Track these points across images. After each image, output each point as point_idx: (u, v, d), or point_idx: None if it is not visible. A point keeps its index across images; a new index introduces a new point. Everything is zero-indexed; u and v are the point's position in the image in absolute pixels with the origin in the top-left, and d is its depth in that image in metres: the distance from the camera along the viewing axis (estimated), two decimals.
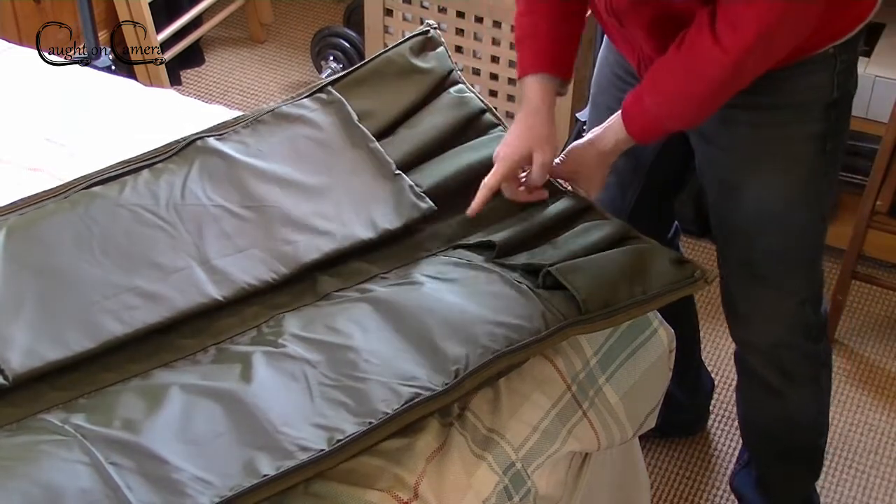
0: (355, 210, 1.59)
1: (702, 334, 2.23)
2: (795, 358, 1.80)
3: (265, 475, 1.21)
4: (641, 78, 1.56)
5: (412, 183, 1.62)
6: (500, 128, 1.72)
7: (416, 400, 1.30)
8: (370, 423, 1.27)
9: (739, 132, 1.60)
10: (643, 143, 1.58)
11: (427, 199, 1.60)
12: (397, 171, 1.63)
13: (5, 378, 1.33)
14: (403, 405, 1.29)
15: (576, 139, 2.38)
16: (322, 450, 1.24)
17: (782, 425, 1.90)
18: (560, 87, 1.64)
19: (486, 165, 1.62)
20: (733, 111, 1.55)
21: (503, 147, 1.59)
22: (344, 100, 1.73)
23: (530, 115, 1.60)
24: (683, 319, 2.01)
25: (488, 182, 1.58)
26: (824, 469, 2.24)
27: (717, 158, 1.66)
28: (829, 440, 2.30)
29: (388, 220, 1.57)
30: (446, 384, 1.32)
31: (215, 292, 1.45)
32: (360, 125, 1.69)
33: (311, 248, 1.53)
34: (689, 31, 1.43)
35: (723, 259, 1.77)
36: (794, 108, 1.57)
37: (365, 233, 1.56)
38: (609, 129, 1.57)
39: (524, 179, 1.62)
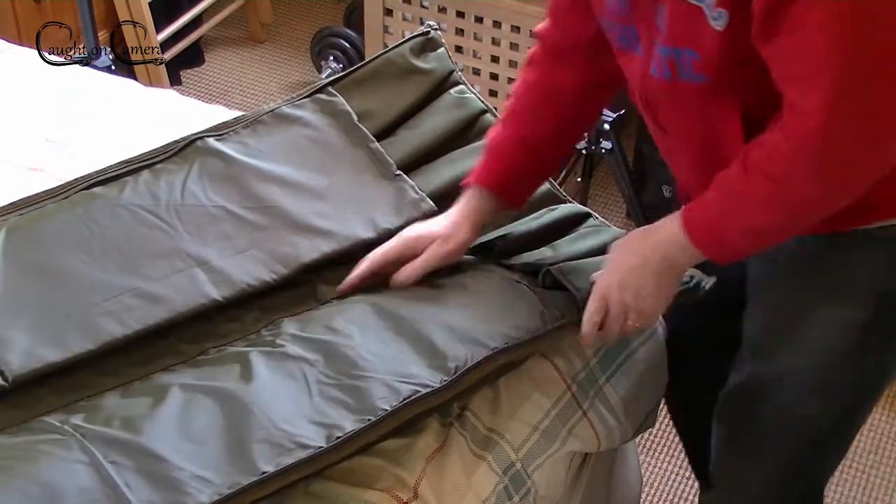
0: (355, 210, 1.58)
1: None
2: None
3: (264, 472, 1.21)
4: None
5: (413, 184, 1.62)
6: None
7: (415, 396, 1.30)
8: (369, 419, 1.27)
9: (774, 289, 1.40)
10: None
11: (428, 199, 1.60)
12: (398, 172, 1.63)
13: (5, 380, 1.32)
14: (402, 402, 1.29)
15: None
16: (321, 447, 1.24)
17: None
18: (503, 207, 1.51)
19: None
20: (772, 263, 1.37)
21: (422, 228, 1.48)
22: (343, 100, 1.73)
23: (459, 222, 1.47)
24: None
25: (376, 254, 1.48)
26: None
27: (751, 316, 1.46)
28: None
29: (389, 220, 1.57)
30: (444, 380, 1.32)
31: (215, 293, 1.45)
32: (359, 125, 1.69)
33: (311, 249, 1.52)
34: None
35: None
36: (829, 282, 1.33)
37: (365, 232, 1.55)
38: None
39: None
